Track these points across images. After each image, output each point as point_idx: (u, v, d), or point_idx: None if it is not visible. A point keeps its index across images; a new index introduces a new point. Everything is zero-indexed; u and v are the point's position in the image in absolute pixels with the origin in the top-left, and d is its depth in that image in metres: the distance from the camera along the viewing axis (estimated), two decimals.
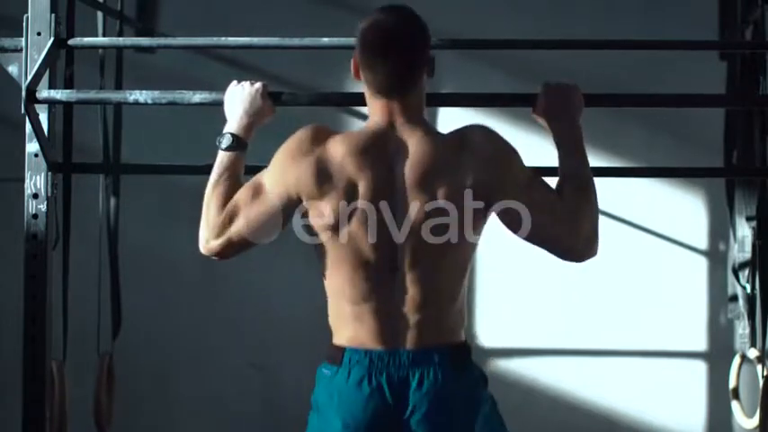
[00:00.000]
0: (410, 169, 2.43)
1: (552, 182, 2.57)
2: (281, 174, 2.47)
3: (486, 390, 2.49)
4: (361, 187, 2.42)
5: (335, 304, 2.48)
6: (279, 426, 4.68)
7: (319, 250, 2.49)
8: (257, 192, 2.50)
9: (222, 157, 2.62)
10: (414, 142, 2.45)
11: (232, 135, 2.64)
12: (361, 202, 2.41)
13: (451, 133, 2.52)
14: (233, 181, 2.57)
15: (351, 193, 2.42)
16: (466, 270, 2.49)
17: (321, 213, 2.43)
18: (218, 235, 2.53)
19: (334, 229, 2.43)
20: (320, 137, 2.48)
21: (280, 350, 4.69)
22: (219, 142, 2.64)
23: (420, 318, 2.42)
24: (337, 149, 2.44)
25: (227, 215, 2.52)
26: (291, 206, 2.47)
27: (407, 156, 2.44)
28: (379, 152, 2.44)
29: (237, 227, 2.51)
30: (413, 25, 2.49)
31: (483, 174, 2.45)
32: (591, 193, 2.59)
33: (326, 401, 2.44)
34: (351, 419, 2.39)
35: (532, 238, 2.50)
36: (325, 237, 2.45)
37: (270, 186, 2.49)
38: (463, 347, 2.46)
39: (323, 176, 2.43)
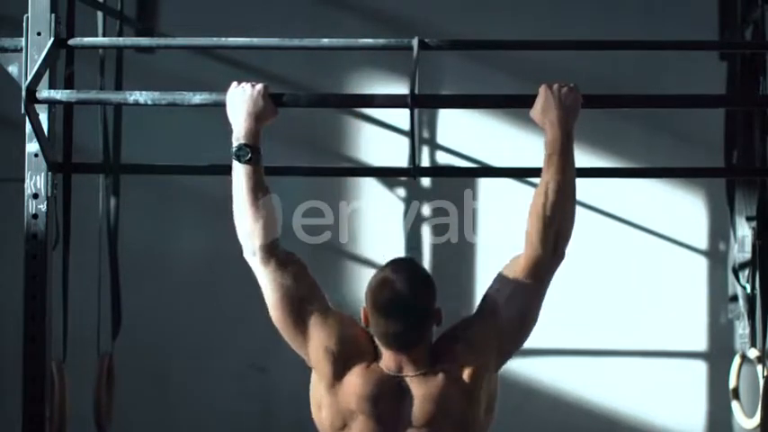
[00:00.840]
0: (417, 414, 2.53)
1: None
2: (320, 329, 2.57)
3: None
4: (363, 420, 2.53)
5: None
6: (278, 426, 4.68)
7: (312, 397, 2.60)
8: (305, 282, 2.60)
9: (248, 171, 2.64)
10: (421, 389, 2.53)
11: (249, 147, 2.65)
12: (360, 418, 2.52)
13: (442, 354, 2.57)
14: (264, 190, 2.63)
15: (353, 407, 2.52)
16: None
17: (321, 377, 2.55)
18: (267, 255, 2.62)
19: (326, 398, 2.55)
20: (357, 350, 2.56)
21: (279, 351, 4.67)
22: (238, 157, 2.65)
23: None
24: (353, 381, 2.53)
25: (284, 253, 2.63)
26: (300, 330, 2.59)
27: (415, 401, 2.53)
28: (390, 402, 2.53)
29: (284, 261, 2.61)
30: (421, 287, 2.55)
31: (486, 362, 2.55)
32: (567, 199, 2.61)
33: None
34: None
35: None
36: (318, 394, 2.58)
37: (309, 306, 2.58)
38: None
39: (341, 367, 2.54)
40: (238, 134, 2.68)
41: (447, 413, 2.51)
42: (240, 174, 2.64)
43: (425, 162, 4.67)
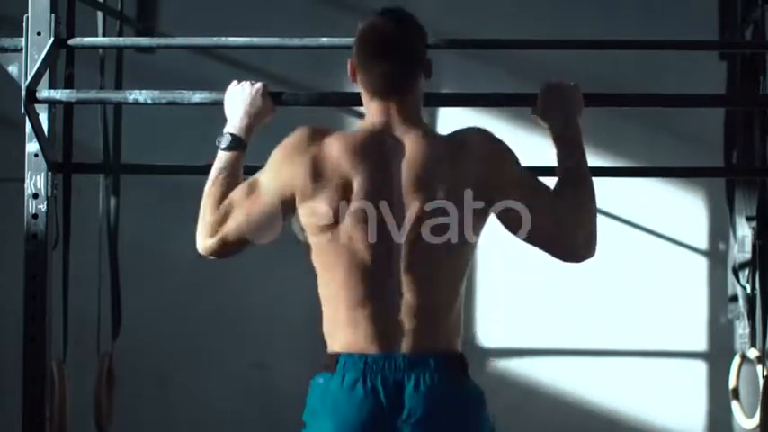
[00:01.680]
0: (408, 168, 2.42)
1: (551, 182, 2.57)
2: (276, 171, 2.46)
3: (485, 400, 2.43)
4: (357, 186, 2.40)
5: (330, 310, 2.45)
6: (278, 426, 4.68)
7: (314, 254, 2.46)
8: (252, 190, 2.49)
9: (221, 157, 2.62)
10: (411, 142, 2.45)
11: (231, 135, 2.64)
12: (356, 201, 2.40)
13: (449, 134, 2.52)
14: (231, 180, 2.56)
15: (345, 192, 2.40)
16: (464, 273, 2.47)
17: (314, 212, 2.41)
18: (214, 233, 2.51)
19: (328, 228, 2.41)
20: (316, 136, 2.47)
21: (279, 350, 4.69)
22: (219, 142, 2.64)
23: (417, 322, 2.39)
24: (333, 148, 2.43)
25: (221, 213, 2.51)
26: (286, 205, 2.45)
27: (405, 155, 2.43)
28: (376, 151, 2.43)
29: (232, 224, 2.49)
30: (410, 26, 2.51)
31: (482, 174, 2.45)
32: (589, 193, 2.57)
33: (319, 407, 2.39)
34: (343, 422, 2.35)
35: (531, 238, 2.49)
36: (318, 238, 2.43)
37: (265, 184, 2.48)
38: (461, 357, 2.43)
39: (317, 174, 2.42)
40: (230, 126, 2.67)
41: (434, 171, 2.41)
42: (216, 161, 2.61)
43: None
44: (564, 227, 2.49)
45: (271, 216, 2.46)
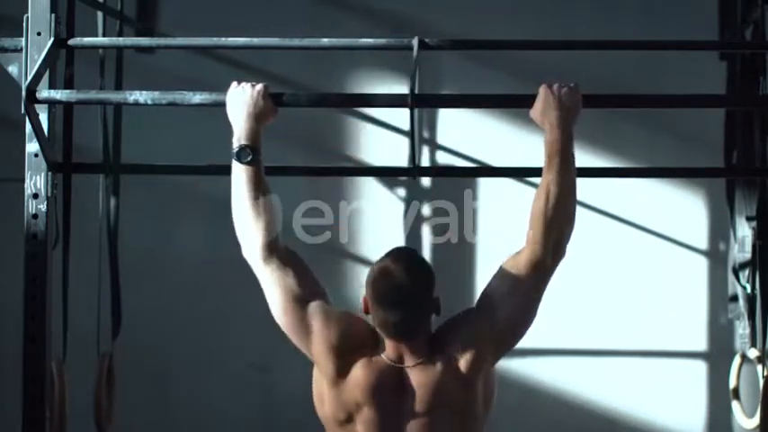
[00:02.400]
0: (419, 402, 2.55)
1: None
2: (322, 328, 2.58)
3: None
4: (369, 414, 2.54)
5: None
6: (278, 426, 4.68)
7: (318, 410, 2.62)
8: (310, 287, 2.62)
9: (248, 171, 2.65)
10: (421, 378, 2.55)
11: (248, 147, 2.66)
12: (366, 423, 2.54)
13: (442, 338, 2.59)
14: (265, 189, 2.65)
15: (356, 409, 2.55)
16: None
17: (330, 398, 2.57)
18: (268, 254, 2.64)
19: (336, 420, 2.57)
20: (359, 345, 2.57)
21: (279, 351, 4.67)
22: (239, 157, 2.66)
23: None
24: (356, 374, 2.55)
25: (285, 251, 2.65)
26: (302, 326, 2.60)
27: (415, 390, 2.55)
28: (391, 393, 2.55)
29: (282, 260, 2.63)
30: (420, 276, 2.57)
31: (487, 348, 2.57)
32: (568, 199, 2.62)
33: None
34: None
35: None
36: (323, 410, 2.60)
37: (316, 306, 2.60)
38: None
39: (340, 376, 2.55)
40: (239, 135, 2.69)
41: (445, 402, 2.53)
42: (240, 174, 2.65)
43: (425, 162, 4.67)
44: (534, 254, 2.60)
45: (288, 302, 2.60)
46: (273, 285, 2.61)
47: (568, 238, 2.62)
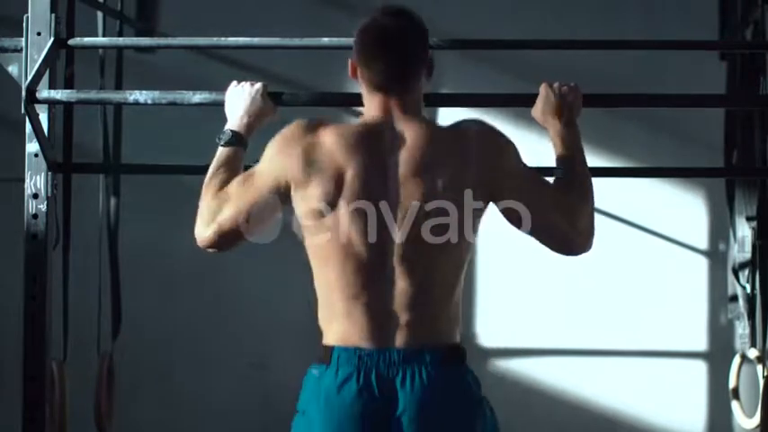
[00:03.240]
0: (406, 161, 2.40)
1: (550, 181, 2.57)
2: (271, 160, 2.45)
3: (481, 393, 2.43)
4: (352, 176, 2.38)
5: (325, 301, 2.44)
6: (278, 426, 4.67)
7: (308, 244, 2.44)
8: (248, 180, 2.48)
9: (221, 153, 2.61)
10: (411, 133, 2.43)
11: (231, 131, 2.64)
12: (351, 192, 2.38)
13: (451, 126, 2.51)
14: (230, 174, 2.54)
15: (340, 181, 2.38)
16: (462, 269, 2.45)
17: (308, 201, 2.39)
18: (210, 222, 2.51)
19: (322, 217, 2.38)
20: (312, 127, 2.46)
21: (279, 350, 4.69)
22: (219, 139, 2.64)
23: (413, 316, 2.37)
24: (328, 138, 2.42)
25: (218, 203, 2.50)
26: (281, 193, 2.43)
27: (403, 147, 2.42)
28: (374, 142, 2.42)
29: (227, 213, 2.48)
30: (412, 24, 2.49)
31: (483, 171, 2.44)
32: (587, 191, 2.57)
33: (313, 400, 2.38)
34: (337, 417, 2.34)
35: (533, 232, 2.49)
36: (312, 228, 2.41)
37: (260, 174, 2.46)
38: (457, 349, 2.41)
39: (311, 162, 2.40)
40: (230, 124, 2.68)
41: (429, 164, 2.39)
42: (216, 156, 2.61)
43: None
44: (563, 220, 2.48)
45: (265, 205, 2.45)
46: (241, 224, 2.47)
47: (593, 230, 2.55)
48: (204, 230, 2.53)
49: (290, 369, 4.54)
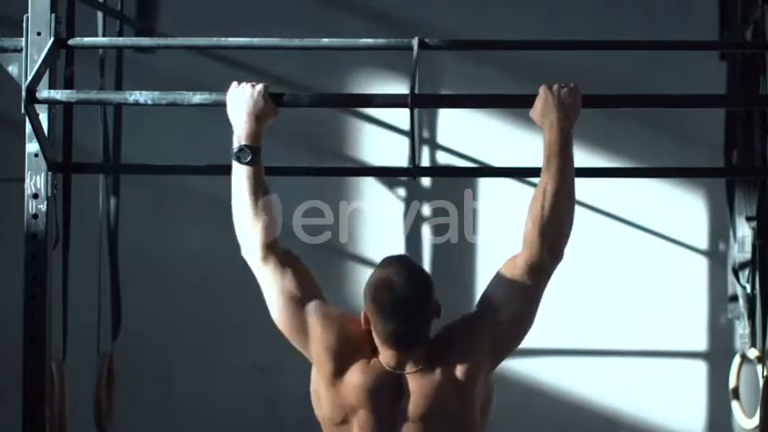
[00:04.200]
0: (414, 410, 2.54)
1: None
2: (320, 326, 2.57)
3: None
4: (365, 416, 2.53)
5: None
6: (281, 427, 4.68)
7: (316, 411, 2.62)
8: (308, 285, 2.62)
9: (248, 172, 2.65)
10: (417, 389, 2.54)
11: (249, 148, 2.66)
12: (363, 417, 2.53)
13: (441, 343, 2.58)
14: (263, 189, 2.65)
15: (351, 415, 2.54)
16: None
17: (319, 385, 2.57)
18: (265, 255, 2.64)
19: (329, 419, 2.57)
20: (357, 347, 2.56)
21: (280, 351, 4.66)
22: (238, 158, 2.66)
23: None
24: (355, 374, 2.54)
25: (282, 251, 2.64)
26: (300, 327, 2.60)
27: (410, 400, 2.54)
28: (388, 397, 2.54)
29: (278, 261, 2.63)
30: (420, 285, 2.55)
31: (489, 353, 2.57)
32: (566, 200, 2.61)
33: None
34: None
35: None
36: (318, 404, 2.60)
37: (309, 306, 2.60)
38: None
39: (337, 370, 2.55)
40: (239, 135, 2.68)
41: (442, 410, 2.52)
42: (240, 174, 2.65)
43: (425, 162, 4.68)
44: (532, 256, 2.59)
45: (285, 303, 2.61)
46: (270, 286, 2.62)
47: (567, 239, 2.61)
48: (247, 254, 2.68)
49: (291, 371, 4.55)
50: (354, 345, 2.55)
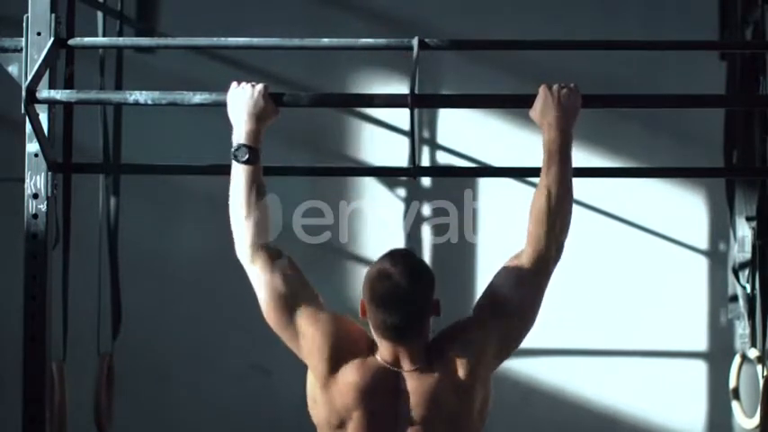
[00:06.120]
0: (415, 409, 2.52)
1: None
2: (311, 325, 2.57)
3: None
4: (360, 417, 2.52)
5: None
6: (280, 427, 4.68)
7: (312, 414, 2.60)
8: (295, 279, 2.61)
9: (245, 171, 2.65)
10: (415, 388, 2.53)
11: (248, 147, 2.66)
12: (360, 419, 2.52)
13: (442, 347, 2.57)
14: (260, 188, 2.65)
15: (348, 417, 2.53)
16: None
17: (314, 388, 2.56)
18: (254, 254, 2.65)
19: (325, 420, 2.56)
20: (351, 346, 2.55)
21: (281, 351, 4.67)
22: (236, 156, 2.66)
23: None
24: (350, 374, 2.52)
25: (272, 251, 2.64)
26: (290, 327, 2.60)
27: (410, 393, 2.53)
28: (385, 397, 2.52)
29: (267, 258, 2.63)
30: (419, 277, 2.54)
31: (495, 350, 2.57)
32: (565, 199, 2.62)
33: None
34: None
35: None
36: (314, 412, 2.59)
37: (300, 307, 2.59)
38: None
39: (331, 370, 2.53)
40: (239, 135, 2.69)
41: (440, 410, 2.51)
42: (237, 173, 2.66)
43: (425, 162, 4.68)
44: (536, 252, 2.60)
45: (275, 302, 2.61)
46: (261, 286, 2.62)
47: (566, 236, 2.63)
48: (240, 252, 2.68)
49: (291, 371, 4.54)
50: (348, 344, 2.54)
